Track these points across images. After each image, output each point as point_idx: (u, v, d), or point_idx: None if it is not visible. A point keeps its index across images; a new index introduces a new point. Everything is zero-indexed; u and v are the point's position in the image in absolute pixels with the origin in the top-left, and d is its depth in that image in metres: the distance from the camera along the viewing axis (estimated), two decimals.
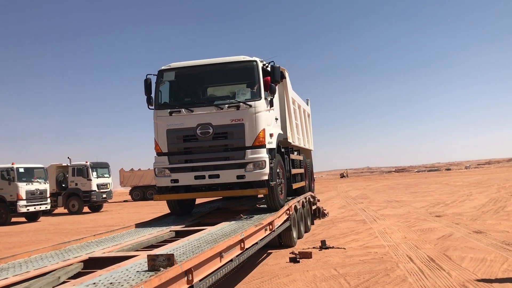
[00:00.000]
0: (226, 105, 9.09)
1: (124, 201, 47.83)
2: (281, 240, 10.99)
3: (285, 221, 10.30)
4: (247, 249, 6.96)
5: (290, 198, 11.73)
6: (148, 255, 4.63)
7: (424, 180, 54.07)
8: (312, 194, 14.58)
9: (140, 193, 45.56)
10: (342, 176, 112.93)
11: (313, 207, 15.20)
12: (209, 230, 7.62)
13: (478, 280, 6.95)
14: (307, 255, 9.37)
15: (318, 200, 16.37)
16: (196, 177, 9.21)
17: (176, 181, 9.31)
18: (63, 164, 31.94)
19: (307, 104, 17.50)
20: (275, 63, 9.50)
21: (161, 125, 9.35)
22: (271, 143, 9.50)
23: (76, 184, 30.59)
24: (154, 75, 9.61)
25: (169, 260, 4.50)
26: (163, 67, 9.73)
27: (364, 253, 9.73)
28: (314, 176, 19.02)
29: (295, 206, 11.54)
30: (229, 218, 9.22)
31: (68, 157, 31.45)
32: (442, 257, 8.78)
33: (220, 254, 5.81)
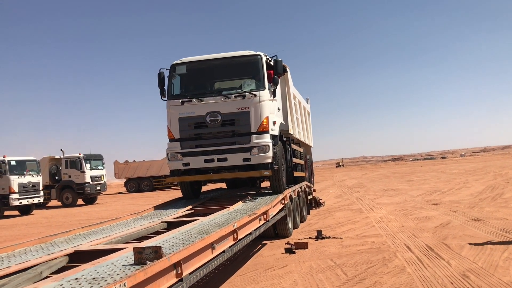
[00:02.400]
0: (233, 95, 9.91)
1: (119, 193, 47.61)
2: (276, 230, 10.78)
3: (280, 210, 10.08)
4: (240, 239, 6.71)
5: (289, 186, 12.04)
6: (134, 248, 4.38)
7: (420, 169, 54.08)
8: (308, 183, 14.37)
9: (135, 184, 45.29)
10: (338, 165, 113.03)
11: (309, 197, 14.99)
12: (201, 221, 7.38)
13: (479, 269, 6.74)
14: (303, 245, 9.14)
15: (314, 190, 16.16)
16: (206, 161, 10.00)
17: (187, 164, 10.11)
18: (56, 157, 31.56)
19: (307, 102, 18.16)
20: (278, 57, 10.23)
21: (174, 114, 10.13)
22: (274, 130, 10.33)
23: (70, 177, 30.24)
24: (166, 69, 10.37)
25: (156, 252, 4.25)
26: (175, 62, 10.52)
27: (361, 242, 9.53)
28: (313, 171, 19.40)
29: (290, 196, 11.31)
30: (224, 207, 9.01)
31: (61, 149, 31.22)
32: (440, 245, 8.58)
33: (211, 246, 5.56)
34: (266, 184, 14.27)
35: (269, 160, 9.89)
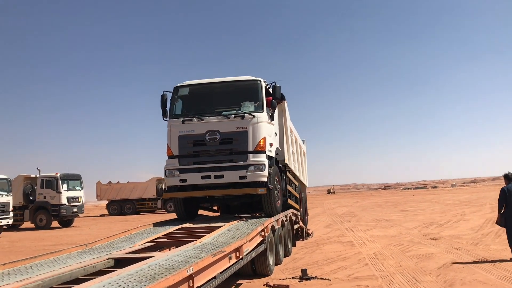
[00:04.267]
0: (233, 115, 10.21)
1: (101, 215, 45.64)
2: (255, 267, 9.26)
3: (258, 245, 8.61)
4: None
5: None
6: None
7: (412, 198, 52.72)
8: (294, 211, 12.91)
9: (118, 207, 43.43)
10: (329, 192, 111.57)
11: (295, 226, 13.49)
12: (154, 259, 5.89)
13: None
14: None
15: (302, 219, 14.67)
16: (203, 177, 10.11)
17: (184, 180, 10.22)
18: (32, 175, 29.73)
19: (304, 143, 18.29)
20: (276, 84, 10.76)
21: (174, 132, 10.39)
22: (271, 151, 10.65)
23: (45, 197, 28.39)
24: (169, 91, 10.76)
25: None
26: (178, 84, 10.92)
27: (352, 286, 8.03)
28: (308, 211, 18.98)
29: (273, 227, 9.85)
30: (191, 239, 7.54)
31: (38, 168, 29.37)
32: None
33: None
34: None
35: (265, 179, 10.03)
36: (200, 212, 12.69)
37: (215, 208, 13.98)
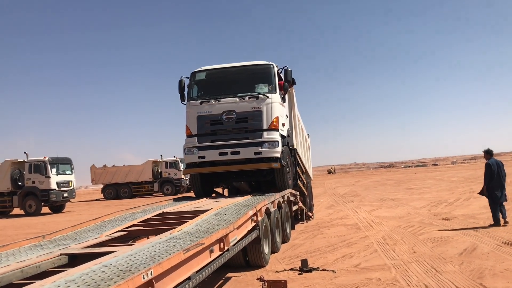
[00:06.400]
0: (247, 96, 10.72)
1: (96, 199, 44.50)
2: (248, 257, 8.05)
3: (250, 231, 7.37)
4: None
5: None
6: None
7: (415, 176, 51.50)
8: (293, 191, 11.68)
9: (113, 191, 42.28)
10: (329, 172, 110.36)
11: (294, 208, 12.26)
12: (113, 256, 4.63)
13: None
14: (279, 286, 6.34)
15: (301, 199, 13.42)
16: (220, 154, 10.63)
17: (203, 157, 10.75)
18: (19, 160, 28.35)
19: (308, 137, 18.38)
20: (288, 68, 11.20)
21: (192, 113, 10.90)
22: (283, 130, 11.19)
23: (33, 182, 27.13)
24: (186, 77, 11.27)
25: None
26: (195, 70, 11.43)
27: (362, 280, 6.78)
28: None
29: (267, 209, 8.60)
30: (171, 227, 6.29)
31: (25, 152, 28.04)
32: None
33: None
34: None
35: (278, 155, 10.56)
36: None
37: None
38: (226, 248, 5.80)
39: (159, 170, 42.33)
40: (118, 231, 6.85)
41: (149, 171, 41.89)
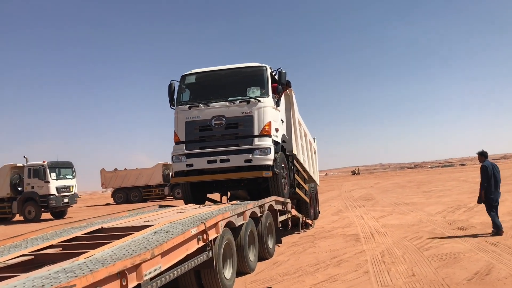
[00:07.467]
0: (238, 100, 10.14)
1: (107, 204, 43.57)
2: (202, 281, 6.53)
3: (197, 253, 5.85)
4: None
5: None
6: None
7: (439, 177, 49.08)
8: (277, 198, 10.12)
9: (124, 195, 41.28)
10: (353, 173, 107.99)
11: (282, 218, 10.70)
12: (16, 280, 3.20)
13: None
14: None
15: (293, 207, 11.82)
16: (209, 162, 10.08)
17: (191, 165, 10.20)
18: (19, 165, 27.39)
19: (314, 141, 17.70)
20: (282, 69, 10.61)
21: (181, 118, 10.36)
22: (276, 136, 10.50)
23: (33, 187, 26.09)
24: (176, 81, 10.73)
25: None
26: (185, 73, 10.91)
27: None
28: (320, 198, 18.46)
29: (230, 223, 7.09)
30: (86, 250, 4.84)
31: (25, 156, 27.09)
32: None
33: None
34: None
35: (270, 162, 9.93)
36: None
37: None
38: (136, 283, 4.29)
39: (170, 174, 41.12)
40: (23, 255, 5.43)
41: (160, 174, 40.74)
